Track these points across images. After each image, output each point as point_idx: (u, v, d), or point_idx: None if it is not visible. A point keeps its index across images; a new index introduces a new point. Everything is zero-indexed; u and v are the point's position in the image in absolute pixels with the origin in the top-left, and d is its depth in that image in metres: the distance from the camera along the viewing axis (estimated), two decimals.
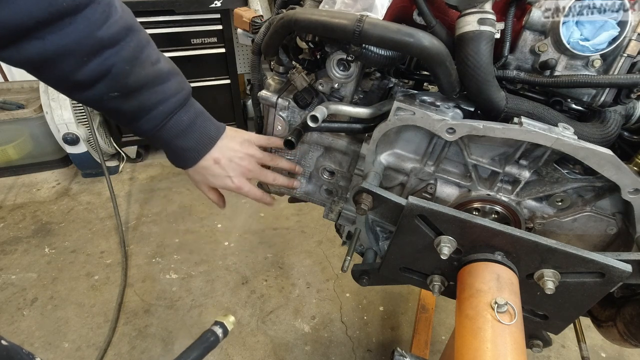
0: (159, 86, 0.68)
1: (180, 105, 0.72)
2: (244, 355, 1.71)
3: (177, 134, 0.73)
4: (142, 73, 0.65)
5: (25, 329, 1.77)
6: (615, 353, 1.78)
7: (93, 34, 0.57)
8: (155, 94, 0.68)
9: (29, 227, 2.35)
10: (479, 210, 0.86)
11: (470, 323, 0.64)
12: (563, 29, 0.71)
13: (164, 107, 0.70)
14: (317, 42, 0.84)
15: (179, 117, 0.73)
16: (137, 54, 0.64)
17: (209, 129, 0.78)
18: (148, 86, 0.67)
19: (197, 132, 0.76)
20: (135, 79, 0.64)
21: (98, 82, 0.62)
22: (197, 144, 0.76)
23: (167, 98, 0.70)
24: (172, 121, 0.72)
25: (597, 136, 0.75)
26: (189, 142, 0.75)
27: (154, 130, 0.71)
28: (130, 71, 0.63)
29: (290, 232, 2.36)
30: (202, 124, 0.77)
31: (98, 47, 0.59)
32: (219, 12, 2.49)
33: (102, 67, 0.60)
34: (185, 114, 0.73)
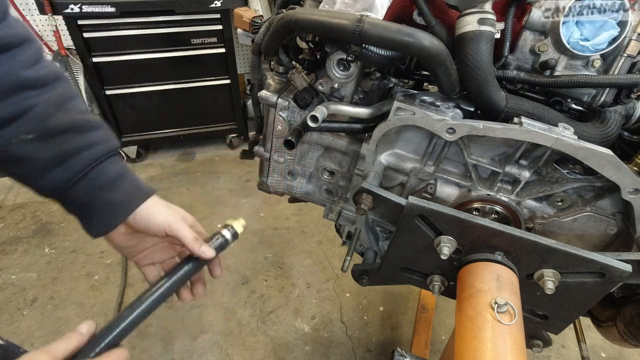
0: (86, 133, 0.59)
1: (109, 154, 0.61)
2: (244, 355, 1.71)
3: (103, 184, 0.60)
4: (68, 117, 0.58)
5: (25, 329, 1.77)
6: (615, 353, 1.78)
7: (16, 73, 0.53)
8: (80, 140, 0.58)
9: (29, 227, 2.35)
10: (479, 210, 0.86)
11: (470, 323, 0.64)
12: (563, 29, 0.71)
13: (89, 153, 0.58)
14: (317, 42, 0.84)
15: (107, 166, 0.60)
16: (64, 100, 0.58)
17: (139, 184, 0.65)
18: (72, 132, 0.57)
19: (128, 184, 0.62)
20: (58, 123, 0.57)
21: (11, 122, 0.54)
22: (128, 197, 0.62)
23: (92, 144, 0.59)
24: (96, 171, 0.59)
25: (597, 136, 0.75)
26: (114, 195, 0.61)
27: (70, 181, 0.58)
28: (53, 113, 0.56)
29: (290, 232, 2.36)
30: (132, 178, 0.64)
31: (19, 85, 0.54)
32: (219, 12, 2.49)
33: (20, 106, 0.54)
34: (114, 164, 0.61)
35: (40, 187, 0.58)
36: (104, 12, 2.26)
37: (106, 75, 2.56)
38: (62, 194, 0.59)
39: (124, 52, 2.49)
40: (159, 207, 0.64)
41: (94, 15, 2.28)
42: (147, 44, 2.50)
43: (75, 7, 2.21)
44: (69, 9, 2.20)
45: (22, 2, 2.52)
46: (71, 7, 2.20)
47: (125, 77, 2.60)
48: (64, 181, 0.58)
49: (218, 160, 3.02)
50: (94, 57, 2.46)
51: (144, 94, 2.69)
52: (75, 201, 0.60)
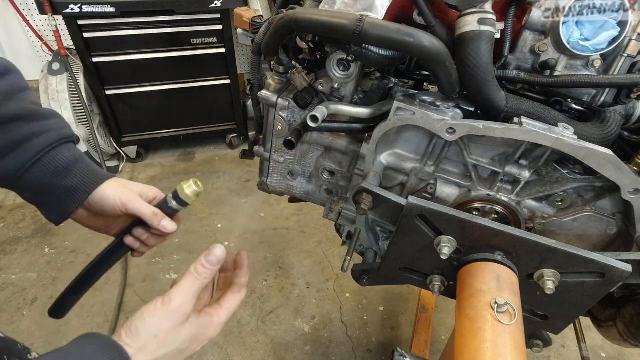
0: (36, 121, 0.58)
1: (61, 141, 0.60)
2: (244, 355, 1.71)
3: (55, 171, 0.59)
4: (17, 106, 0.57)
5: (25, 329, 1.77)
6: (615, 353, 1.78)
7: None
8: (30, 127, 0.57)
9: (29, 227, 2.35)
10: (479, 210, 0.86)
11: (470, 323, 0.64)
12: (563, 29, 0.71)
13: (41, 139, 0.58)
14: (317, 42, 0.84)
15: (60, 152, 0.60)
16: (15, 91, 0.58)
17: (95, 168, 0.65)
18: (22, 120, 0.57)
19: (82, 169, 0.62)
20: (8, 110, 0.56)
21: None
22: (82, 182, 0.61)
23: (45, 131, 0.58)
24: (50, 156, 0.59)
25: (597, 136, 0.75)
26: (72, 180, 0.60)
27: (23, 167, 0.57)
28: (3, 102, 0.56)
29: (290, 232, 2.36)
30: (87, 163, 0.64)
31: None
32: (219, 12, 2.49)
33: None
34: (67, 151, 0.61)
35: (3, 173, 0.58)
36: (104, 12, 2.27)
37: (106, 75, 2.56)
38: (17, 182, 0.59)
39: (124, 52, 2.49)
40: (114, 188, 0.64)
41: (94, 15, 2.28)
42: (147, 44, 2.50)
43: (75, 7, 2.21)
44: (69, 9, 2.21)
45: (22, 2, 2.52)
46: (71, 7, 2.20)
47: (125, 77, 2.60)
48: (17, 167, 0.57)
49: (218, 160, 3.02)
50: (94, 57, 2.46)
51: (144, 94, 2.69)
52: (31, 188, 0.60)
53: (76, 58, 2.49)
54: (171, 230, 0.66)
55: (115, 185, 0.65)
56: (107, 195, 0.63)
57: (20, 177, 0.58)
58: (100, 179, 0.64)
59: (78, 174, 0.62)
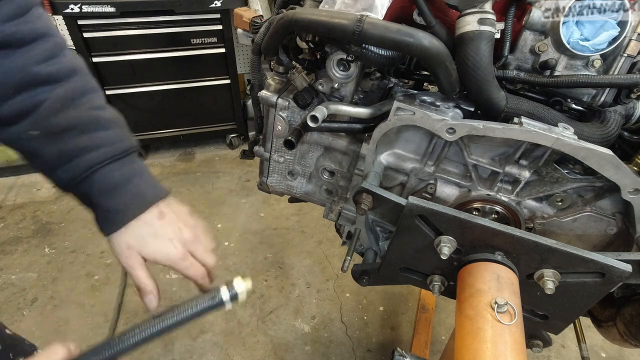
0: (91, 133, 0.57)
1: (114, 158, 0.58)
2: (244, 355, 1.71)
3: (102, 190, 0.58)
4: (74, 114, 0.56)
5: (25, 329, 1.77)
6: (615, 353, 1.78)
7: (27, 69, 0.53)
8: (83, 140, 0.56)
9: (29, 227, 2.35)
10: (479, 210, 0.86)
11: (470, 323, 0.64)
12: (563, 29, 0.71)
13: (91, 156, 0.56)
14: (317, 42, 0.84)
15: (108, 171, 0.58)
16: (75, 96, 0.57)
17: (145, 191, 0.62)
18: (77, 130, 0.56)
19: (129, 191, 0.60)
20: (63, 120, 0.55)
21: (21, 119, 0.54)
22: (124, 206, 0.59)
23: (97, 147, 0.57)
24: (99, 175, 0.57)
25: (597, 136, 0.75)
26: (115, 201, 0.59)
27: (75, 182, 0.57)
28: (59, 110, 0.55)
29: (290, 232, 2.36)
30: (138, 183, 0.61)
31: (31, 81, 0.53)
32: (219, 12, 2.49)
33: (29, 102, 0.54)
34: (119, 169, 0.59)
35: (54, 181, 0.59)
36: (103, 12, 2.26)
37: (106, 75, 2.56)
38: (72, 191, 0.59)
39: (124, 52, 2.49)
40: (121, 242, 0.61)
41: (94, 15, 2.27)
42: (147, 44, 2.50)
43: (75, 7, 2.21)
44: (69, 9, 2.20)
45: None
46: (71, 7, 2.20)
47: (125, 77, 2.59)
48: (67, 182, 0.58)
49: (218, 160, 3.02)
50: (94, 57, 2.46)
51: (144, 94, 2.69)
52: (83, 200, 0.60)
53: None
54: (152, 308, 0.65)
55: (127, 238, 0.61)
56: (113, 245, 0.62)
57: (75, 187, 0.58)
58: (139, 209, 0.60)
59: (123, 199, 0.59)
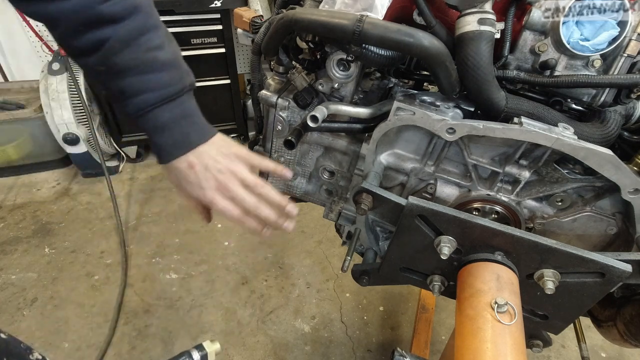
0: (147, 74, 0.64)
1: (165, 100, 0.67)
2: (244, 355, 1.71)
3: (155, 128, 0.68)
4: (133, 56, 0.62)
5: (25, 329, 1.77)
6: (615, 353, 1.78)
7: (92, 7, 0.58)
8: (141, 82, 0.64)
9: (29, 227, 2.35)
10: (479, 210, 0.86)
11: (470, 323, 0.64)
12: (563, 29, 0.71)
13: (147, 96, 0.65)
14: (317, 42, 0.84)
15: (160, 112, 0.67)
16: (136, 35, 0.62)
17: (191, 132, 0.71)
18: (136, 71, 0.63)
19: (176, 132, 0.69)
20: (124, 60, 0.62)
21: (92, 54, 0.61)
22: (172, 145, 0.69)
23: (152, 89, 0.65)
24: (153, 114, 0.66)
25: (597, 136, 0.75)
26: (164, 139, 0.69)
27: (135, 116, 0.67)
28: (121, 50, 0.61)
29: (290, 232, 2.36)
30: (185, 125, 0.70)
31: (96, 20, 0.59)
32: (219, 12, 2.49)
33: (96, 40, 0.60)
34: (169, 110, 0.68)
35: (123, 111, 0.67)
36: None
37: None
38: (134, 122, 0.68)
39: None
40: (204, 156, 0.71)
41: None
42: None
43: None
44: None
45: None
46: None
47: None
48: (131, 114, 0.66)
49: None
50: None
51: None
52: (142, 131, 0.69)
53: None
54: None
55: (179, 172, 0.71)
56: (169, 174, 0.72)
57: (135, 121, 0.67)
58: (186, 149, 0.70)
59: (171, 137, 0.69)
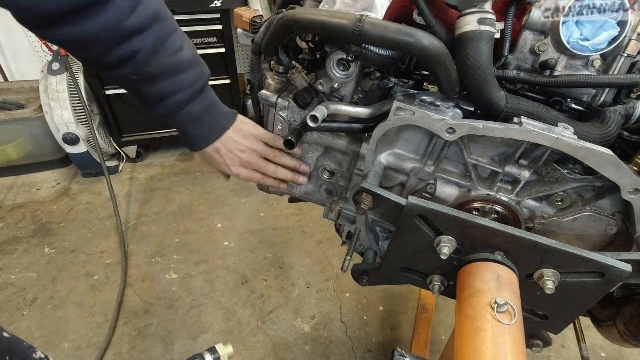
0: (177, 76, 0.72)
1: (195, 96, 0.76)
2: (244, 355, 1.71)
3: (189, 122, 0.79)
4: (163, 62, 0.69)
5: (25, 329, 1.77)
6: (615, 353, 1.78)
7: (121, 23, 0.61)
8: (173, 84, 0.72)
9: (29, 227, 2.35)
10: (479, 210, 0.86)
11: (470, 323, 0.64)
12: (563, 29, 0.71)
13: (179, 96, 0.74)
14: (317, 42, 0.84)
15: (192, 107, 0.77)
16: (162, 42, 0.68)
17: (219, 119, 0.84)
18: (167, 75, 0.71)
19: (208, 121, 0.81)
20: (156, 67, 0.68)
21: (123, 66, 0.67)
22: (207, 133, 0.82)
23: (182, 89, 0.74)
24: (185, 110, 0.77)
25: (597, 136, 0.75)
26: (200, 130, 0.81)
27: (169, 116, 0.77)
28: (152, 58, 0.67)
29: (290, 232, 2.36)
30: (214, 113, 0.82)
31: (125, 35, 0.63)
32: (219, 12, 2.49)
33: (128, 53, 0.65)
34: (199, 104, 0.78)
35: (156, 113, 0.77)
36: None
37: None
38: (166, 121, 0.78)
39: None
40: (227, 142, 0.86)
41: None
42: None
43: None
44: None
45: None
46: None
47: None
48: (164, 115, 0.77)
49: None
50: None
51: None
52: (175, 127, 0.81)
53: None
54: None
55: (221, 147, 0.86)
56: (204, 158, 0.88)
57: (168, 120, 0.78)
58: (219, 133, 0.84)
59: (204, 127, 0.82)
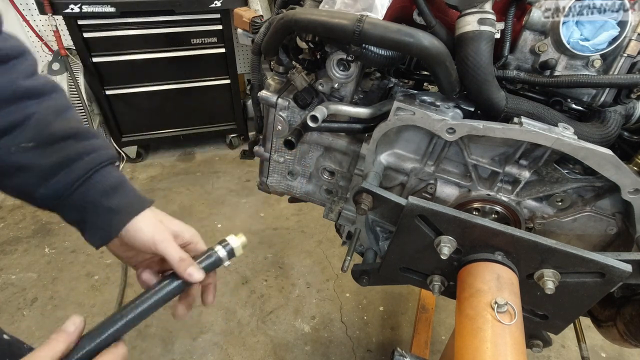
0: (86, 140, 0.59)
1: (109, 160, 0.61)
2: (244, 355, 1.71)
3: (104, 190, 0.59)
4: (67, 125, 0.58)
5: (25, 329, 1.77)
6: (615, 353, 1.78)
7: (16, 82, 0.54)
8: (81, 146, 0.58)
9: (29, 227, 2.35)
10: (479, 210, 0.86)
11: (470, 323, 0.64)
12: (563, 29, 0.71)
13: (91, 158, 0.58)
14: (317, 42, 0.84)
15: (107, 172, 0.60)
16: (63, 109, 0.59)
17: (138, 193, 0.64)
18: (73, 138, 0.58)
19: (128, 191, 0.62)
20: (59, 129, 0.57)
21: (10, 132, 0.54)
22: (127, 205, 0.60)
23: (94, 150, 0.59)
24: (100, 174, 0.59)
25: (597, 136, 0.75)
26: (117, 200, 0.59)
27: (73, 186, 0.57)
28: (53, 121, 0.57)
29: (290, 232, 2.36)
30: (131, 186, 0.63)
31: (19, 95, 0.54)
32: (219, 12, 2.49)
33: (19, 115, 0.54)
34: (115, 171, 0.61)
35: (40, 196, 0.57)
36: (103, 12, 2.26)
37: (106, 75, 2.56)
38: (63, 202, 0.58)
39: (124, 52, 2.49)
40: (149, 222, 0.61)
41: (94, 15, 2.28)
42: (147, 44, 2.50)
43: (75, 7, 2.21)
44: (69, 9, 2.20)
45: (22, 2, 2.52)
46: (71, 7, 2.20)
47: (125, 77, 2.59)
48: (66, 187, 0.57)
49: (218, 160, 3.02)
50: (94, 57, 2.46)
51: (144, 94, 2.69)
52: (77, 207, 0.59)
53: (76, 58, 2.48)
54: (197, 278, 0.60)
55: (152, 219, 0.62)
56: (142, 228, 0.61)
57: (69, 195, 0.58)
58: (142, 206, 0.62)
59: (124, 195, 0.61)
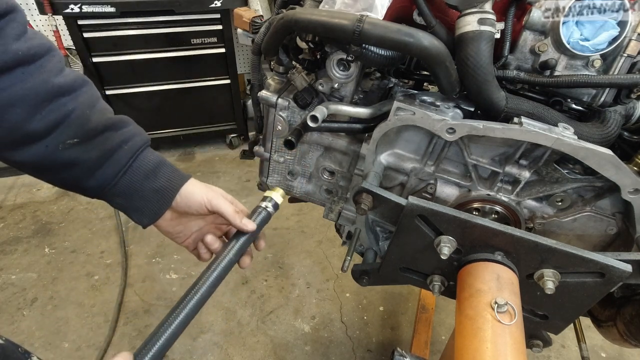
0: (122, 129, 0.63)
1: (145, 144, 0.65)
2: (244, 355, 1.71)
3: (145, 174, 0.63)
4: (103, 117, 0.61)
5: (25, 329, 1.77)
6: (615, 353, 1.78)
7: (49, 81, 0.55)
8: (119, 135, 0.62)
9: (29, 227, 2.35)
10: (479, 210, 0.86)
11: (470, 323, 0.64)
12: (563, 29, 0.71)
13: (130, 145, 0.63)
14: (317, 42, 0.84)
15: (147, 155, 0.65)
16: (95, 101, 0.62)
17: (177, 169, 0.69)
18: (110, 129, 0.62)
19: (168, 170, 0.66)
20: (97, 122, 0.60)
21: (54, 130, 0.56)
22: (169, 182, 0.65)
23: (131, 137, 0.63)
24: (139, 160, 0.63)
25: (597, 136, 0.75)
26: (160, 181, 0.65)
27: (118, 174, 0.62)
28: (91, 114, 0.60)
29: (290, 232, 2.36)
30: (170, 164, 0.68)
31: (55, 93, 0.56)
32: (219, 12, 2.49)
33: (59, 113, 0.56)
34: (152, 153, 0.66)
35: (89, 187, 0.62)
36: (103, 12, 2.27)
37: (106, 75, 2.56)
38: (112, 189, 0.63)
39: (124, 52, 2.49)
40: (198, 186, 0.68)
41: (94, 15, 2.28)
42: (147, 44, 2.50)
43: (75, 7, 2.21)
44: (69, 9, 2.21)
45: (22, 2, 2.52)
46: (71, 7, 2.20)
47: (125, 77, 2.60)
48: (113, 176, 0.62)
49: (218, 160, 3.02)
50: (94, 57, 2.46)
51: (144, 94, 2.69)
52: (124, 194, 0.64)
53: (76, 58, 2.49)
54: (251, 228, 0.67)
55: (199, 183, 0.69)
56: (194, 192, 0.67)
57: (116, 184, 0.62)
58: (184, 178, 0.67)
59: (165, 175, 0.66)
